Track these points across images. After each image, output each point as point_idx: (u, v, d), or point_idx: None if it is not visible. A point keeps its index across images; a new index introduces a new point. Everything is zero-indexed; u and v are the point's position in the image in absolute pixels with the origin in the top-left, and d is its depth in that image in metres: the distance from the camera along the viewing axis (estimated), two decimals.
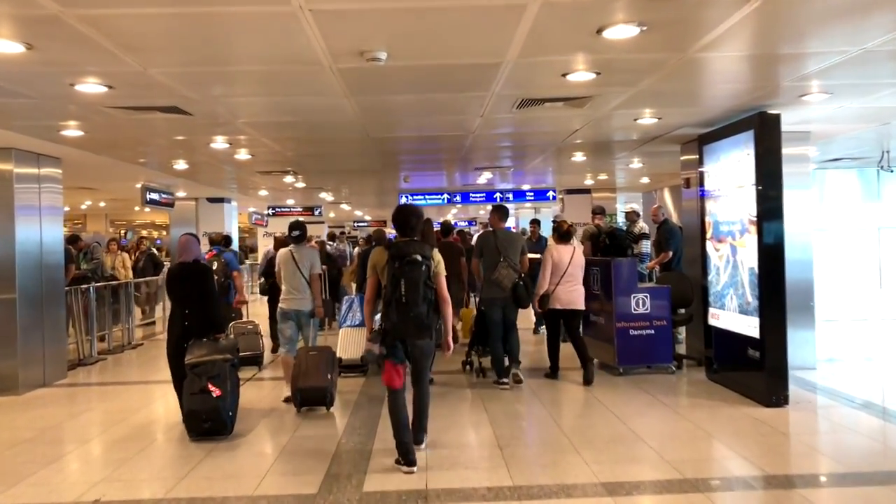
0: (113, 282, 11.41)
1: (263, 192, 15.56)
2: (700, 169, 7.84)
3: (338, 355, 7.86)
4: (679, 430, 5.79)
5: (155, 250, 14.87)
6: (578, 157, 10.42)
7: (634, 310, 7.94)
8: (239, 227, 19.93)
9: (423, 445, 5.14)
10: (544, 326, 8.77)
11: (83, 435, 6.14)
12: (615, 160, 11.15)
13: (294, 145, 8.74)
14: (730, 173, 7.12)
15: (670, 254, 9.30)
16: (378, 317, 4.93)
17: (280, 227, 22.05)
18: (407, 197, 15.01)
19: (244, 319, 9.69)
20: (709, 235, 7.66)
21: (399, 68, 4.81)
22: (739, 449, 5.24)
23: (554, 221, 9.62)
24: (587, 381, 7.39)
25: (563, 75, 5.16)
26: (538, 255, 8.21)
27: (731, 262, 7.11)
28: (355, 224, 31.62)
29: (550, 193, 15.07)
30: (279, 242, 9.06)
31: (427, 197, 15.09)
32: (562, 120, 7.38)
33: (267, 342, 9.55)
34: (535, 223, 11.84)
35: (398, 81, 5.28)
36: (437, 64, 4.78)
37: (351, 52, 4.37)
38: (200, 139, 7.98)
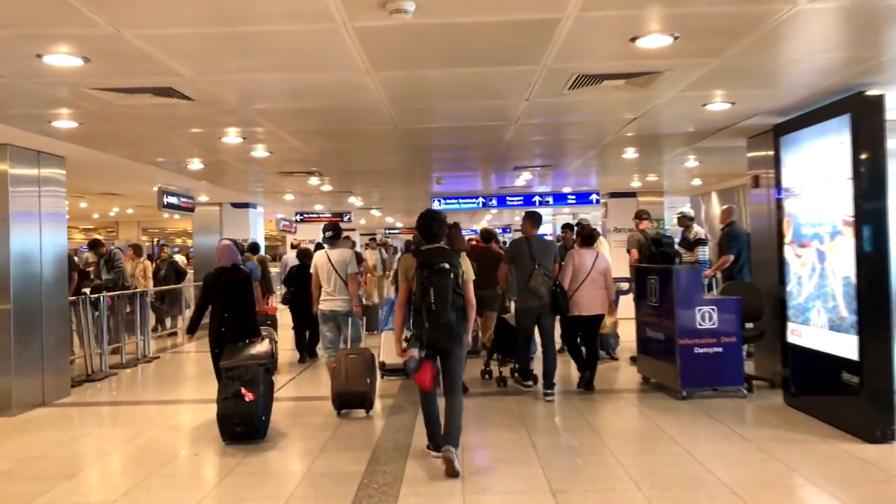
0: (127, 291, 10.73)
1: (289, 197, 14.82)
2: (776, 163, 6.81)
3: (381, 359, 8.03)
4: (769, 474, 4.76)
5: (178, 258, 14.16)
6: (629, 153, 9.44)
7: (699, 325, 6.92)
8: (265, 234, 19.24)
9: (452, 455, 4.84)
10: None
11: (68, 467, 5.32)
12: (668, 158, 10.14)
13: (315, 140, 7.92)
14: (816, 167, 6.09)
15: (730, 258, 8.33)
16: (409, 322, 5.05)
17: (308, 233, 21.38)
18: (439, 201, 14.13)
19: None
20: (788, 239, 6.61)
21: (430, 29, 3.92)
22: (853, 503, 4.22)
23: (577, 225, 9.21)
24: (586, 387, 7.27)
25: (633, 39, 4.22)
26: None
27: (818, 270, 6.06)
28: (387, 231, 30.88)
29: (594, 197, 14.06)
30: (301, 251, 9.89)
31: (461, 201, 14.20)
32: (617, 108, 6.45)
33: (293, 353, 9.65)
34: (568, 228, 10.82)
35: (429, 50, 4.39)
36: (478, 22, 3.86)
37: (370, 1, 3.49)
38: (211, 133, 7.21)
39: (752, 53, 4.62)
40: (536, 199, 14.15)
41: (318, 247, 9.09)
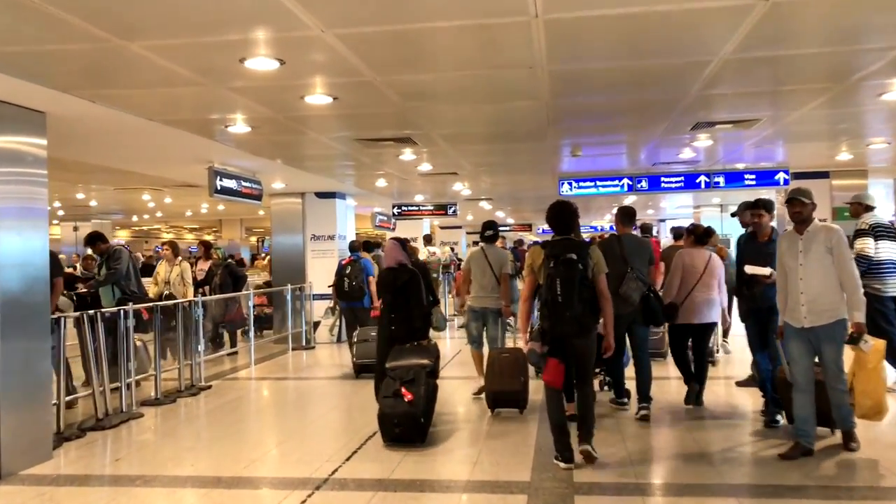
0: (163, 301, 8.24)
1: (381, 182, 12.05)
2: None
3: None
4: None
5: (234, 260, 11.66)
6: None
7: None
8: (356, 231, 16.64)
9: (591, 447, 4.84)
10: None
11: None
12: None
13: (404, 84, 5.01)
14: None
15: None
16: (535, 316, 5.01)
17: (408, 230, 18.66)
18: (570, 184, 10.94)
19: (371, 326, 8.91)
20: None
21: None
22: None
23: (691, 226, 7.77)
24: (694, 402, 6.54)
25: None
26: (764, 270, 5.61)
27: None
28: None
29: (781, 176, 10.42)
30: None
31: (598, 183, 10.95)
32: None
33: None
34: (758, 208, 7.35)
35: None
36: None
37: None
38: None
39: None
40: (702, 179, 10.69)
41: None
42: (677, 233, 10.86)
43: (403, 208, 15.89)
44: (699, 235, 6.83)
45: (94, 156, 8.41)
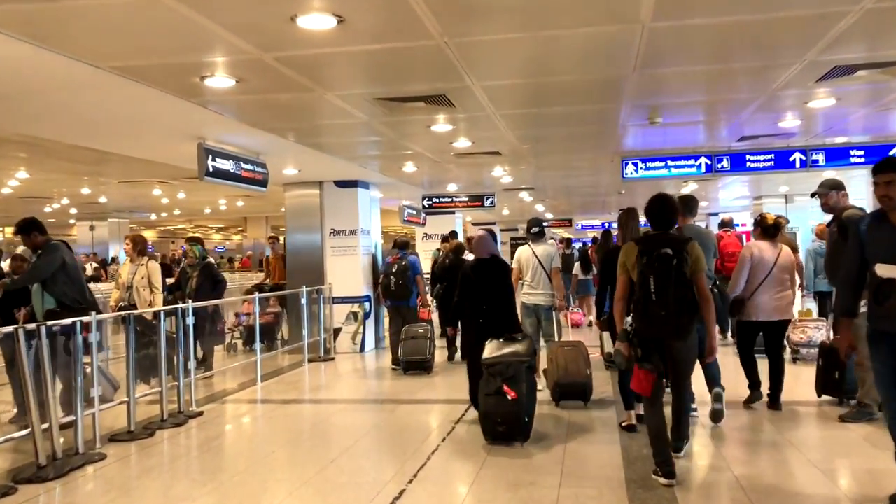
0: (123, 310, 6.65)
1: (410, 167, 10.36)
2: None
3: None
4: None
5: (214, 260, 9.92)
6: None
7: None
8: (383, 227, 14.99)
9: (681, 453, 4.81)
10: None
11: None
12: None
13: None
14: None
15: None
16: (629, 317, 4.67)
17: (439, 226, 16.96)
18: (636, 164, 9.15)
19: (417, 323, 9.14)
20: None
21: None
22: None
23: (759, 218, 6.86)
24: (770, 404, 6.19)
25: None
26: None
27: None
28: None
29: None
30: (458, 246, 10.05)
31: (671, 164, 9.13)
32: None
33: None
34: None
35: None
36: None
37: None
38: None
39: None
40: (797, 157, 8.83)
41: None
42: (724, 222, 10.39)
43: (434, 200, 14.19)
44: (766, 227, 6.32)
45: (50, 129, 6.85)
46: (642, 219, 5.15)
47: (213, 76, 5.00)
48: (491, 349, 5.62)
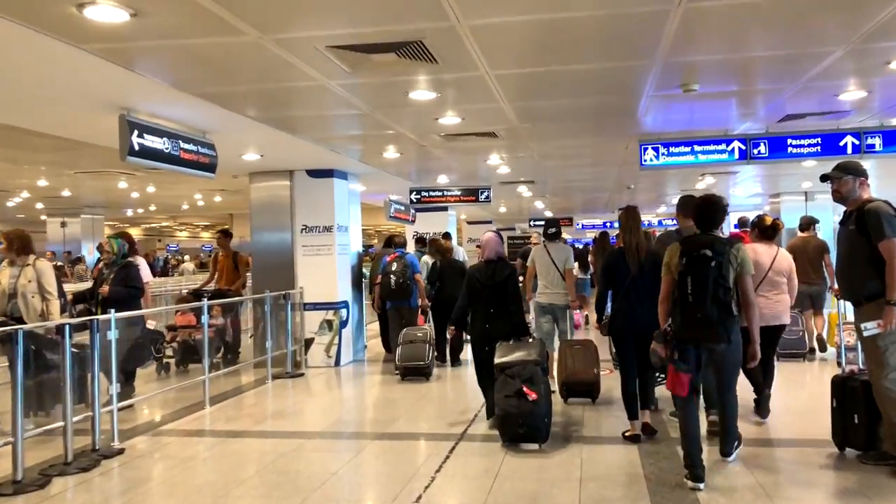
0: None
1: (391, 153, 8.94)
2: None
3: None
4: None
5: (141, 260, 8.11)
6: None
7: None
8: (363, 225, 13.50)
9: (731, 457, 4.76)
10: None
11: None
12: None
13: None
14: None
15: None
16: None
17: (431, 225, 15.55)
18: (656, 149, 7.75)
19: (415, 326, 8.83)
20: None
21: None
22: None
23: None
24: (763, 413, 5.89)
25: None
26: None
27: None
28: (531, 222, 24.61)
29: None
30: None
31: (696, 149, 7.73)
32: None
33: None
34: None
35: None
36: None
37: None
38: None
39: None
40: (848, 140, 7.43)
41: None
42: (742, 222, 10.03)
43: (423, 194, 12.75)
44: (764, 229, 6.15)
45: None
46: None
47: (96, 3, 3.57)
48: (503, 352, 5.62)
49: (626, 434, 5.46)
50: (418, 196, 12.76)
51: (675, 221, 7.58)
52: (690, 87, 5.56)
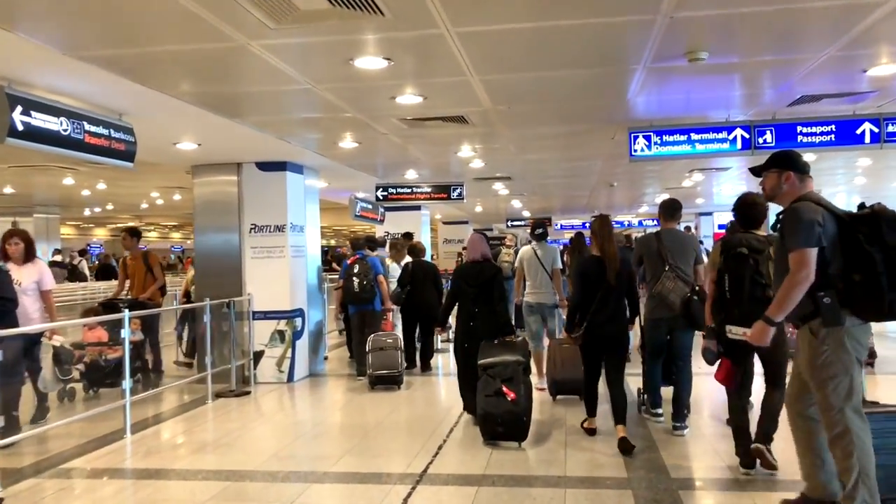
0: None
1: (349, 142, 7.91)
2: None
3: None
4: None
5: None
6: None
7: None
8: (323, 226, 12.45)
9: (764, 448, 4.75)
10: None
11: None
12: None
13: None
14: None
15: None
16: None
17: (400, 225, 14.52)
18: (648, 138, 6.81)
19: (384, 332, 8.48)
20: None
21: None
22: None
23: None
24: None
25: None
26: None
27: None
28: (508, 223, 23.65)
29: None
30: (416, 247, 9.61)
31: (693, 138, 6.80)
32: None
33: None
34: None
35: None
36: None
37: None
38: None
39: None
40: (866, 128, 6.54)
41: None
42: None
43: (390, 191, 11.71)
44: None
45: None
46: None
47: None
48: (486, 352, 5.75)
49: (584, 426, 5.79)
50: (385, 193, 11.72)
51: (655, 222, 6.87)
52: (698, 56, 4.59)
